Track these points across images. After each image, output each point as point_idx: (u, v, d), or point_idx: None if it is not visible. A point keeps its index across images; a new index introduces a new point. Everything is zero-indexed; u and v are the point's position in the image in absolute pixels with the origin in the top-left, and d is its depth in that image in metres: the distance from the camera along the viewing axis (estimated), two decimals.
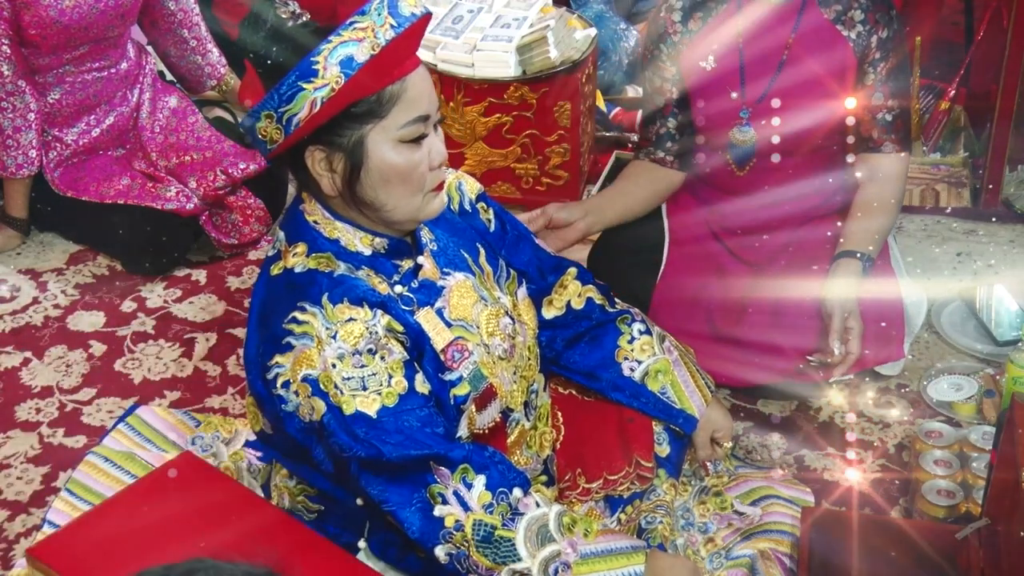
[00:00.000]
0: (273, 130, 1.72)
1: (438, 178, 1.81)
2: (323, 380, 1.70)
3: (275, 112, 1.70)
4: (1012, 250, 3.06)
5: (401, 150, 1.75)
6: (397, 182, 1.76)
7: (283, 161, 1.80)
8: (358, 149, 1.74)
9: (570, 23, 3.18)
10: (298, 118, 1.69)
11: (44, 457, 2.54)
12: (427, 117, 1.76)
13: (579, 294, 2.17)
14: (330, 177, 1.77)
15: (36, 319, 2.97)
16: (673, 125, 2.63)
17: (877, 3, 2.46)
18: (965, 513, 2.17)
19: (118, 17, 3.10)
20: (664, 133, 2.64)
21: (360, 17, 1.69)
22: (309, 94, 1.68)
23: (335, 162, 1.75)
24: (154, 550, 1.86)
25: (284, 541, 1.88)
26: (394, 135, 1.74)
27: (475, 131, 3.13)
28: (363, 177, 1.75)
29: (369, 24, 1.69)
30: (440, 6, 3.24)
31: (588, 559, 1.72)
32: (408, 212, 1.80)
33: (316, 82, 1.67)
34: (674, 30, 2.56)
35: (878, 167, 2.53)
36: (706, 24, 2.54)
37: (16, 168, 3.10)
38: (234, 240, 3.17)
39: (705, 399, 2.17)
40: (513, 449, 1.97)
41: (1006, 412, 1.87)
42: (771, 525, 2.22)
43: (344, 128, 1.73)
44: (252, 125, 1.73)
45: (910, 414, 2.55)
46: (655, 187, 2.68)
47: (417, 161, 1.77)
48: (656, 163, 2.67)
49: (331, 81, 1.67)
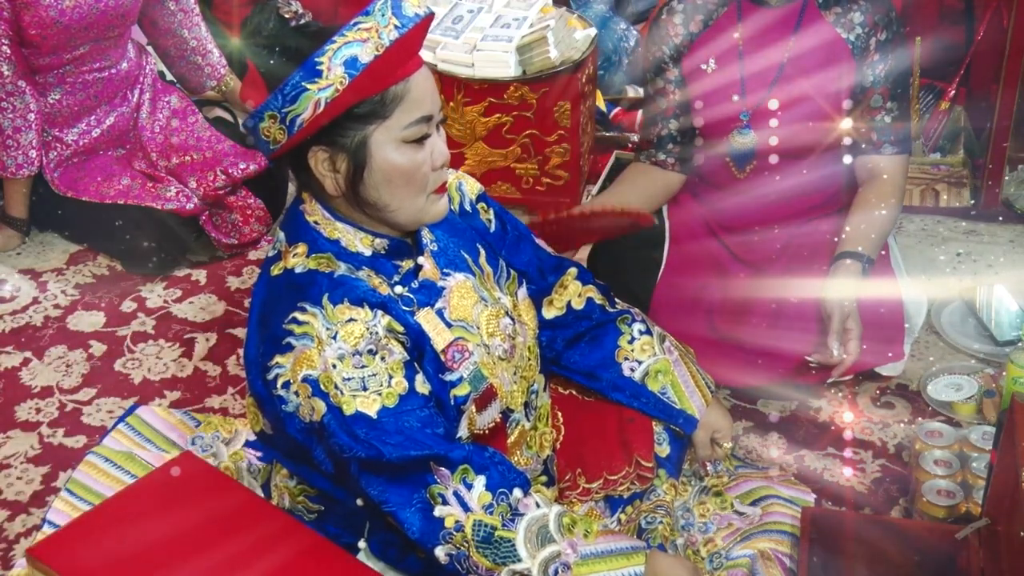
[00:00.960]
0: (276, 130, 1.72)
1: (440, 179, 1.81)
2: (323, 380, 1.70)
3: (279, 112, 1.70)
4: (1012, 250, 3.06)
5: (404, 150, 1.75)
6: (400, 183, 1.76)
7: (285, 162, 1.80)
8: (361, 150, 1.73)
9: (570, 23, 3.18)
10: (302, 119, 1.69)
11: (44, 457, 2.54)
12: (430, 117, 1.76)
13: (579, 294, 2.17)
14: (333, 178, 1.77)
15: (36, 319, 2.97)
16: (675, 127, 2.63)
17: (877, 5, 2.46)
18: (965, 513, 2.17)
19: (118, 17, 3.10)
20: (666, 135, 2.64)
21: (364, 18, 1.69)
22: (313, 94, 1.68)
23: (338, 162, 1.75)
24: (154, 550, 1.86)
25: (284, 541, 1.88)
26: (397, 135, 1.74)
27: (475, 131, 3.13)
28: (366, 177, 1.75)
29: (373, 24, 1.69)
30: (440, 6, 3.24)
31: (588, 560, 1.72)
32: (411, 214, 1.80)
33: (320, 82, 1.67)
34: (675, 32, 2.57)
35: (878, 169, 2.53)
36: (707, 27, 2.54)
37: (16, 168, 3.10)
38: (234, 240, 3.17)
39: (705, 399, 2.17)
40: (513, 449, 1.97)
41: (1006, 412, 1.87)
42: (771, 525, 2.22)
43: (347, 128, 1.73)
44: (255, 125, 1.73)
45: (910, 414, 2.55)
46: (653, 191, 2.68)
47: (420, 161, 1.76)
48: (657, 165, 2.67)
49: (335, 82, 1.67)
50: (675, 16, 2.56)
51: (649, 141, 2.68)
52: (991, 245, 3.07)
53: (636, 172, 2.71)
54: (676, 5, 2.57)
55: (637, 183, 2.68)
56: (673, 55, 2.57)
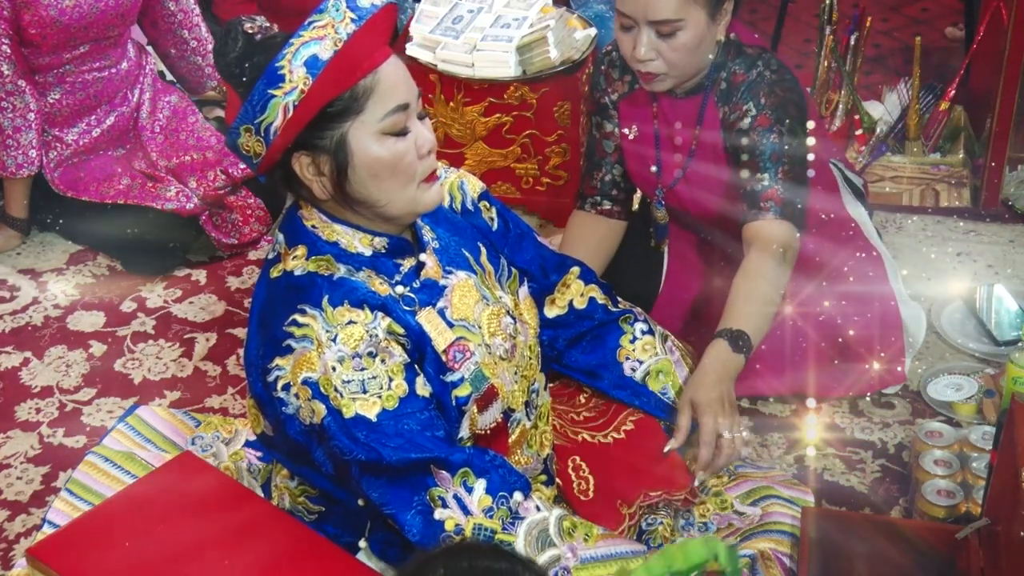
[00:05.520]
0: (254, 143, 1.71)
1: (429, 166, 1.79)
2: (323, 383, 1.70)
3: (252, 124, 1.69)
4: (1012, 250, 3.06)
5: (385, 142, 1.73)
6: (386, 175, 1.75)
7: (276, 176, 1.79)
8: (341, 148, 1.72)
9: (570, 23, 3.18)
10: (275, 126, 1.68)
11: (44, 457, 2.54)
12: (406, 105, 1.75)
13: (582, 293, 2.17)
14: (320, 181, 1.76)
15: (36, 319, 2.97)
16: (619, 172, 2.58)
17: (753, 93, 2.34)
18: (965, 513, 2.17)
19: (118, 17, 3.10)
20: (608, 180, 2.59)
21: (318, 16, 1.68)
22: (280, 100, 1.67)
23: (322, 165, 1.74)
24: (154, 550, 1.86)
25: (284, 541, 1.88)
26: (375, 128, 1.72)
27: (475, 131, 3.13)
28: (351, 175, 1.74)
29: (328, 21, 1.68)
30: (440, 6, 3.24)
31: (588, 564, 1.72)
32: (403, 205, 1.79)
33: (285, 87, 1.66)
34: (611, 86, 2.53)
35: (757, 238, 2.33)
36: (633, 90, 2.50)
37: (16, 168, 3.10)
38: (234, 240, 3.17)
39: None
40: (514, 449, 1.97)
41: (1006, 412, 1.87)
42: (771, 525, 2.22)
43: (324, 129, 1.71)
44: (234, 142, 1.73)
45: (910, 414, 2.55)
46: (602, 244, 2.60)
47: (403, 151, 1.75)
48: (602, 215, 2.61)
49: (299, 83, 1.66)
50: (613, 69, 2.53)
51: (593, 187, 2.61)
52: (991, 245, 3.07)
53: (582, 225, 2.62)
54: (614, 55, 2.52)
55: (586, 238, 2.59)
56: (613, 103, 2.55)
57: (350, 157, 1.73)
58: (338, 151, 1.72)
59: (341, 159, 1.73)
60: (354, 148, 1.73)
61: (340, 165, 1.73)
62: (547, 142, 3.13)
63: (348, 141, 1.72)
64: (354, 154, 1.73)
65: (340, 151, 1.72)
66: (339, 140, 1.72)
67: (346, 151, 1.72)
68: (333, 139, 1.72)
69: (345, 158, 1.73)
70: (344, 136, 1.72)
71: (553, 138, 3.12)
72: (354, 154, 1.73)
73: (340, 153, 1.72)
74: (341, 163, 1.73)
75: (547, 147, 3.13)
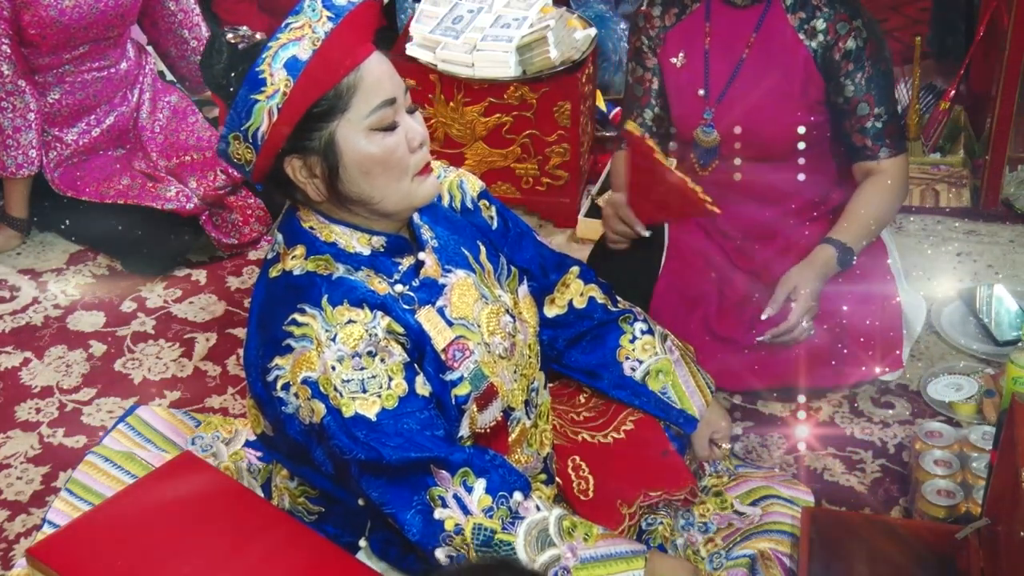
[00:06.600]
0: (244, 150, 1.71)
1: (422, 159, 1.79)
2: (323, 382, 1.70)
3: (240, 132, 1.69)
4: (1012, 250, 3.06)
5: (374, 138, 1.73)
6: (378, 171, 1.74)
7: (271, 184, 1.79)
8: (331, 148, 1.72)
9: (570, 23, 3.18)
10: (261, 131, 1.68)
11: (44, 457, 2.54)
12: (393, 100, 1.74)
13: (581, 293, 2.17)
14: (313, 183, 1.75)
15: (36, 319, 2.97)
16: (650, 116, 2.64)
17: (840, 13, 2.45)
18: (965, 513, 2.17)
19: (118, 17, 3.10)
20: (640, 124, 2.64)
21: (294, 17, 1.68)
22: (264, 104, 1.67)
23: (313, 166, 1.74)
24: (154, 550, 1.86)
25: (284, 541, 1.88)
26: (363, 125, 1.72)
27: (475, 131, 3.13)
28: (342, 174, 1.74)
29: (305, 21, 1.68)
30: (440, 6, 3.24)
31: (588, 564, 1.72)
32: (398, 200, 1.78)
33: (267, 91, 1.66)
34: (652, 24, 2.59)
35: (877, 170, 2.53)
36: (679, 21, 2.56)
37: (16, 168, 3.10)
38: (234, 240, 3.17)
39: (705, 399, 2.17)
40: (514, 448, 1.97)
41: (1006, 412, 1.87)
42: (771, 525, 2.22)
43: (312, 131, 1.71)
44: (225, 151, 1.73)
45: (910, 414, 2.55)
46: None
47: (393, 146, 1.74)
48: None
49: (280, 86, 1.66)
50: (654, 8, 2.59)
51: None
52: (991, 245, 3.07)
53: (621, 163, 2.70)
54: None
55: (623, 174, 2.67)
56: (651, 45, 2.59)
57: (340, 156, 1.73)
58: (328, 151, 1.72)
59: (331, 159, 1.73)
60: (343, 147, 1.72)
61: (331, 165, 1.73)
62: (547, 142, 3.13)
63: (336, 140, 1.72)
64: (344, 152, 1.73)
65: (330, 151, 1.72)
66: (328, 140, 1.72)
67: (335, 150, 1.72)
68: (322, 139, 1.72)
69: (335, 157, 1.73)
70: (332, 135, 1.72)
71: (553, 138, 3.12)
72: (344, 152, 1.73)
73: (330, 153, 1.72)
74: (332, 163, 1.73)
75: (547, 147, 3.14)
